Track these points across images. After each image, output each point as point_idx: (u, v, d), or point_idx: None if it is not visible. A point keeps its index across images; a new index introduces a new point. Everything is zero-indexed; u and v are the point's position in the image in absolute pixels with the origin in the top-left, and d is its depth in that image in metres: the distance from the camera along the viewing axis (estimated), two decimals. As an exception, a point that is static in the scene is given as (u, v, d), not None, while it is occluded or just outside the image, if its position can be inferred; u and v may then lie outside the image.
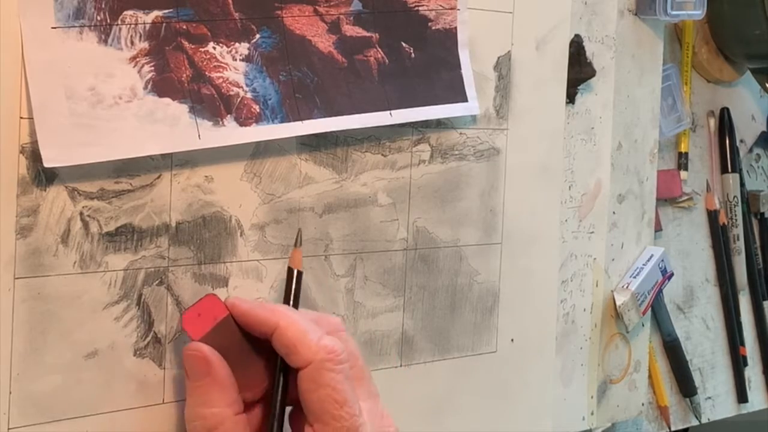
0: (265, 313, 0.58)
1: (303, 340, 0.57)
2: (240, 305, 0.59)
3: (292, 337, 0.57)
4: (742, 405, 1.04)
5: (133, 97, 0.57)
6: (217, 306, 0.59)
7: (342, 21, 0.65)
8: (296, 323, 0.57)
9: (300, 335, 0.57)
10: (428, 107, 0.69)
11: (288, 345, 0.57)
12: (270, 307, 0.59)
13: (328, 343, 0.57)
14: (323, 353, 0.57)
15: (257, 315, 0.58)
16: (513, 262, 0.77)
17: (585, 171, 0.82)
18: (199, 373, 0.56)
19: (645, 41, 0.86)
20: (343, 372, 0.57)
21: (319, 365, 0.56)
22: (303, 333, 0.57)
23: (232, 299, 0.59)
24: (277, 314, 0.58)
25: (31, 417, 0.55)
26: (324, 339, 0.57)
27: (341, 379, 0.57)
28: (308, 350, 0.57)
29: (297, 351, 0.57)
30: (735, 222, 1.02)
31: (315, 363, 0.56)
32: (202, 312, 0.58)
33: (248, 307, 0.59)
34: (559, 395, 0.82)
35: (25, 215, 0.55)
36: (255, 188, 0.63)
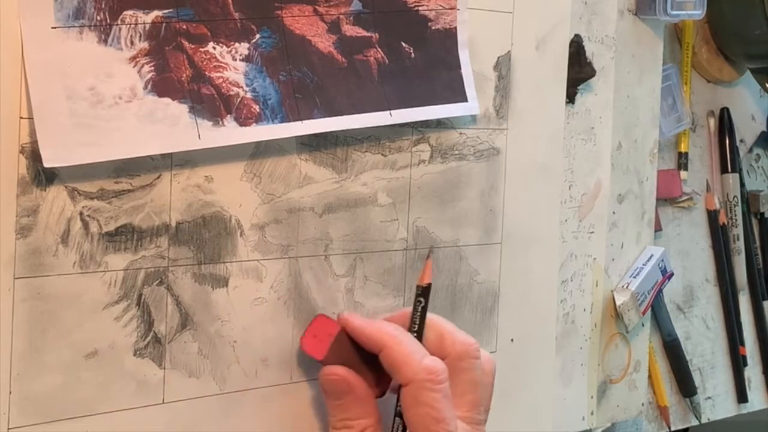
0: (374, 331, 0.63)
1: (406, 361, 0.61)
2: (351, 322, 0.64)
3: (397, 357, 0.61)
4: (742, 405, 1.04)
5: (133, 97, 0.57)
6: (329, 324, 0.64)
7: (342, 21, 0.65)
8: (401, 344, 0.62)
9: (404, 356, 0.61)
10: (428, 107, 0.69)
11: (392, 364, 0.61)
12: (377, 326, 0.63)
13: (429, 364, 0.61)
14: (424, 374, 0.61)
15: (366, 333, 0.63)
16: (513, 262, 0.77)
17: (585, 171, 0.82)
18: (341, 393, 0.62)
19: (645, 41, 0.86)
20: (441, 391, 0.61)
21: (419, 384, 0.60)
22: (407, 354, 0.61)
23: (345, 316, 0.64)
24: (383, 334, 0.62)
25: (31, 417, 0.55)
26: (426, 360, 0.61)
27: (439, 398, 0.60)
28: (410, 370, 0.61)
29: (400, 370, 0.61)
30: (735, 222, 1.02)
31: (416, 382, 0.61)
32: (317, 333, 0.64)
33: (358, 324, 0.63)
34: (559, 395, 0.82)
35: (25, 215, 0.55)
36: (255, 188, 0.63)
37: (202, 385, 0.62)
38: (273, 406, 0.65)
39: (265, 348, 0.64)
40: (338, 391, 0.62)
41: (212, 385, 0.62)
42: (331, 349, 0.63)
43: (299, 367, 0.66)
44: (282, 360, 0.65)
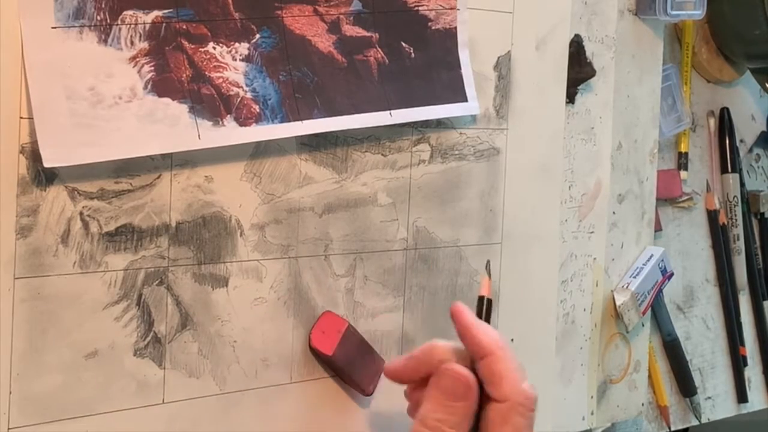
0: (485, 338, 0.60)
1: (509, 377, 0.59)
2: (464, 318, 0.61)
3: (501, 370, 0.59)
4: (742, 405, 1.04)
5: (133, 97, 0.57)
6: (336, 320, 0.66)
7: (342, 21, 0.65)
8: (508, 359, 0.60)
9: (508, 372, 0.59)
10: (428, 107, 0.69)
11: (495, 375, 0.59)
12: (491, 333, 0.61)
13: (527, 389, 0.60)
14: (521, 397, 0.59)
15: (476, 334, 0.60)
16: (513, 262, 0.77)
17: (585, 171, 0.82)
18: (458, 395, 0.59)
19: (645, 41, 0.86)
20: (530, 419, 0.60)
21: (514, 405, 0.59)
22: (511, 370, 0.59)
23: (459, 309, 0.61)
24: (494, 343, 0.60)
25: (31, 417, 0.55)
26: (525, 383, 0.60)
27: (526, 425, 0.59)
28: (510, 388, 0.59)
29: (500, 385, 0.59)
30: (735, 222, 1.02)
31: (511, 402, 0.59)
32: (325, 329, 0.65)
33: (471, 322, 0.61)
34: (559, 395, 0.82)
35: (25, 215, 0.55)
36: (255, 188, 0.63)
37: (202, 385, 0.62)
38: (273, 406, 0.65)
39: (265, 348, 0.64)
40: (456, 392, 0.59)
41: (212, 385, 0.62)
42: (340, 345, 0.65)
43: (299, 367, 0.66)
44: (282, 360, 0.65)
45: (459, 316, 0.61)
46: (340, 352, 0.65)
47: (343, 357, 0.66)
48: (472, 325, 0.60)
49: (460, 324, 0.61)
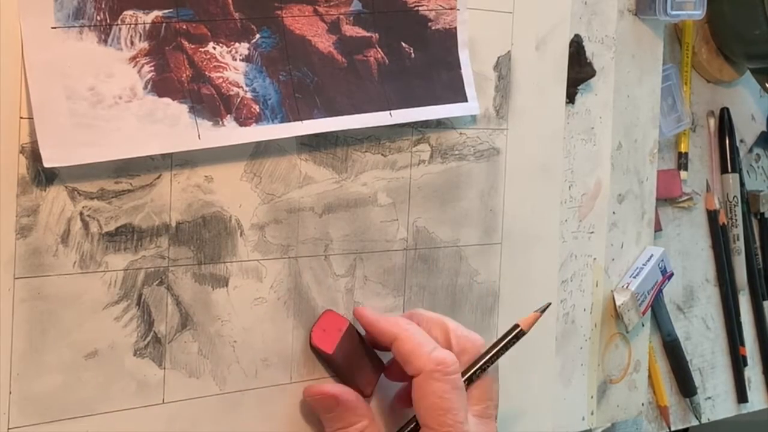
0: (387, 325, 0.65)
1: (416, 351, 0.63)
2: (367, 315, 0.66)
3: (408, 349, 0.63)
4: (742, 405, 1.04)
5: (133, 97, 0.57)
6: (338, 319, 0.66)
7: (342, 21, 0.65)
8: (412, 336, 0.64)
9: (414, 347, 0.63)
10: (428, 107, 0.69)
11: (403, 355, 0.63)
12: (392, 320, 0.66)
13: (439, 355, 0.63)
14: (432, 364, 0.62)
15: (380, 326, 0.65)
16: (513, 262, 0.77)
17: (585, 171, 0.82)
18: (330, 407, 0.64)
19: (645, 41, 0.86)
20: (450, 382, 0.62)
21: (428, 375, 0.62)
22: (417, 345, 0.63)
23: (360, 309, 0.67)
24: (396, 327, 0.64)
25: (31, 417, 0.55)
26: (436, 351, 0.63)
27: (448, 389, 0.62)
28: (419, 361, 0.62)
29: (410, 361, 0.63)
30: (735, 222, 1.02)
31: (425, 373, 0.62)
32: (326, 327, 0.65)
33: (374, 318, 0.66)
34: (559, 395, 0.82)
35: (25, 215, 0.55)
36: (255, 188, 0.63)
37: (202, 385, 0.62)
38: (273, 406, 0.65)
39: (265, 348, 0.64)
40: (327, 406, 0.64)
41: (212, 385, 0.62)
42: (341, 343, 0.65)
43: (299, 367, 0.66)
44: (282, 360, 0.65)
45: (362, 316, 0.66)
46: (340, 350, 0.65)
47: (343, 356, 0.66)
48: (376, 319, 0.65)
49: (364, 322, 0.66)
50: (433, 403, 0.62)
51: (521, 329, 0.67)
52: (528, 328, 0.68)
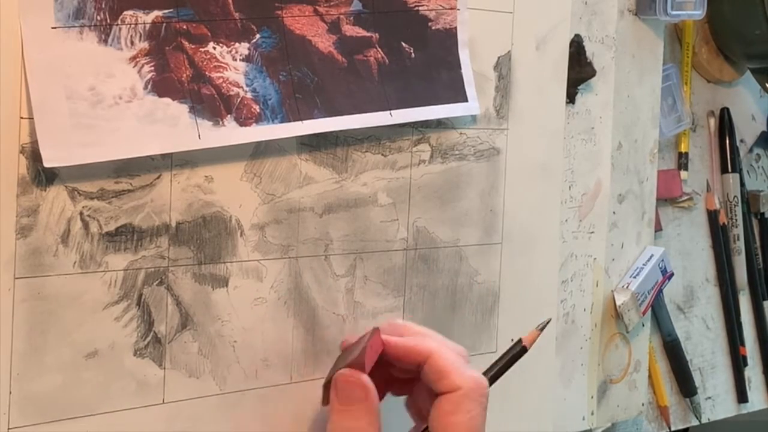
0: (419, 343, 0.63)
1: (454, 368, 0.61)
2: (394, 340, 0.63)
3: (445, 364, 0.62)
4: (742, 405, 1.04)
5: (133, 97, 0.57)
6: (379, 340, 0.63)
7: (342, 21, 0.65)
8: (448, 354, 0.62)
9: (451, 364, 0.62)
10: (428, 107, 0.69)
11: (441, 371, 0.61)
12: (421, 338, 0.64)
13: (476, 375, 0.62)
14: (471, 382, 0.61)
15: (411, 346, 0.63)
16: (513, 262, 0.77)
17: (585, 171, 0.82)
18: (355, 399, 0.60)
19: (645, 41, 0.86)
20: (483, 404, 0.62)
21: (466, 391, 0.61)
22: (454, 362, 0.62)
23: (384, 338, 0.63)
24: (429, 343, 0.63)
25: (31, 417, 0.55)
26: (471, 371, 0.62)
27: (480, 411, 0.61)
28: (459, 377, 0.61)
29: (449, 376, 0.61)
30: (735, 222, 1.02)
31: (463, 389, 0.61)
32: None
33: (401, 340, 0.63)
34: (559, 395, 0.82)
35: (25, 215, 0.55)
36: (255, 188, 0.63)
37: (202, 385, 0.62)
38: (273, 406, 0.65)
39: (265, 348, 0.64)
40: (353, 396, 0.61)
41: (212, 385, 0.62)
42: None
43: (299, 367, 0.66)
44: (282, 360, 0.65)
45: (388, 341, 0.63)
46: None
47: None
48: (401, 341, 0.63)
49: (391, 347, 0.63)
50: (464, 422, 0.60)
51: (524, 346, 0.67)
52: (530, 345, 0.67)
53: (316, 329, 0.67)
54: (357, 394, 0.61)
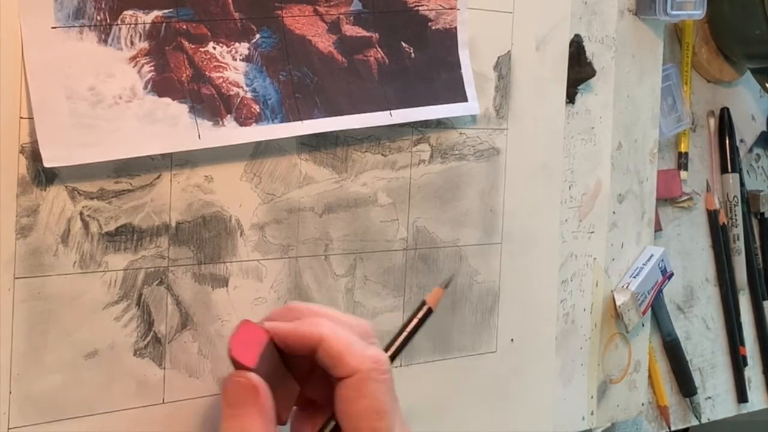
0: (309, 328, 0.57)
1: (349, 350, 0.56)
2: (280, 328, 0.57)
3: (338, 347, 0.56)
4: (742, 405, 1.04)
5: (133, 97, 0.57)
6: (256, 331, 0.57)
7: (342, 21, 0.65)
8: (341, 334, 0.57)
9: (345, 345, 0.56)
10: (428, 107, 0.69)
11: (334, 356, 0.56)
12: (310, 322, 0.57)
13: (374, 353, 0.56)
14: (369, 363, 0.56)
15: (300, 332, 0.57)
16: (513, 262, 0.77)
17: (585, 171, 0.82)
18: (245, 402, 0.55)
19: (645, 41, 0.86)
20: (386, 383, 0.56)
21: (365, 375, 0.56)
22: (348, 343, 0.56)
23: (270, 324, 0.58)
24: (320, 327, 0.57)
25: (31, 417, 0.55)
26: (370, 349, 0.57)
27: (385, 390, 0.56)
28: (354, 359, 0.56)
29: (343, 360, 0.56)
30: (735, 222, 1.02)
31: (361, 372, 0.55)
32: (245, 339, 0.57)
33: (289, 327, 0.57)
34: (559, 395, 0.82)
35: (25, 215, 0.55)
36: (255, 188, 0.63)
37: (202, 385, 0.62)
38: (273, 406, 0.65)
39: (265, 348, 0.64)
40: (241, 399, 0.55)
41: (212, 385, 0.62)
42: (261, 358, 0.56)
43: (299, 367, 0.66)
44: (282, 360, 0.65)
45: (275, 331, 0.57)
46: (261, 366, 0.56)
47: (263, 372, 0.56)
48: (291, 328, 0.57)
49: (279, 334, 0.57)
50: (369, 406, 0.55)
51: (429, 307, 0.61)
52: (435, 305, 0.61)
53: (316, 329, 0.67)
54: (246, 395, 0.55)
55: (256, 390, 0.55)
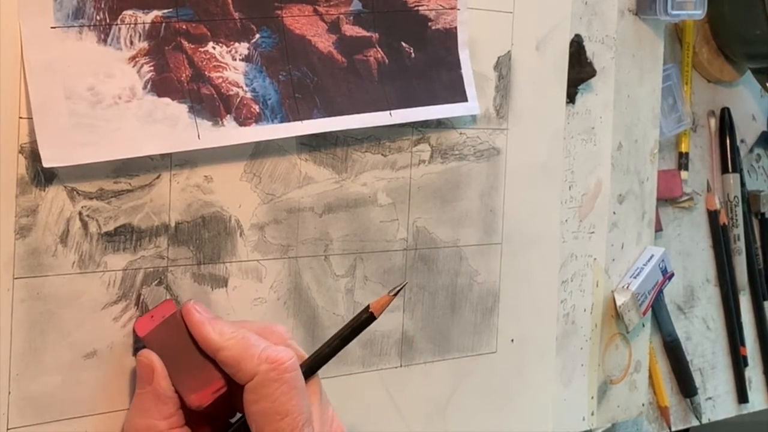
0: (211, 332, 0.57)
1: (244, 356, 0.56)
2: (192, 315, 0.58)
3: (235, 356, 0.56)
4: (742, 405, 1.04)
5: (132, 97, 0.57)
6: (168, 307, 0.58)
7: (342, 21, 0.65)
8: (239, 342, 0.56)
9: (242, 352, 0.56)
10: (428, 107, 0.69)
11: (232, 364, 0.56)
12: (216, 325, 0.57)
13: (271, 354, 0.56)
14: (266, 364, 0.56)
15: (202, 332, 0.57)
16: (513, 262, 0.77)
17: (585, 171, 0.82)
18: (144, 381, 0.56)
19: (645, 41, 0.86)
20: (288, 382, 0.56)
21: (262, 377, 0.55)
22: (245, 349, 0.56)
23: (189, 305, 0.58)
24: (219, 336, 0.57)
25: (30, 417, 0.55)
26: (268, 350, 0.56)
27: (285, 390, 0.56)
28: (250, 364, 0.56)
29: (240, 368, 0.56)
30: (735, 222, 1.01)
31: (259, 375, 0.55)
32: (155, 314, 0.58)
33: (197, 319, 0.58)
34: (559, 395, 0.82)
35: (24, 215, 0.55)
36: (255, 188, 0.63)
37: (201, 386, 0.62)
38: (273, 406, 0.65)
39: (264, 348, 0.64)
40: (142, 377, 0.56)
41: (212, 386, 0.62)
42: (158, 330, 0.57)
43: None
44: (282, 360, 0.65)
45: (188, 315, 0.58)
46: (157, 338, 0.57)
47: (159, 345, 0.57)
48: (200, 321, 0.57)
49: (189, 323, 0.58)
50: (268, 407, 0.55)
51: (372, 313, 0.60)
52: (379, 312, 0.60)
53: (316, 330, 0.67)
54: (144, 374, 0.56)
55: (152, 369, 0.56)
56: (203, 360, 0.58)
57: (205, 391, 0.57)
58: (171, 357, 0.57)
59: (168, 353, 0.57)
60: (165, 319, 0.57)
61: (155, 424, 0.55)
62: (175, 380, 0.56)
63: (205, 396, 0.57)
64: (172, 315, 0.58)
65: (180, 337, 0.57)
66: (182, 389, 0.56)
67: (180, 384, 0.56)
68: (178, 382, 0.56)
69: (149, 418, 0.55)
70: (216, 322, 0.58)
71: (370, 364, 0.69)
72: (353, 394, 0.69)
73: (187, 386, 0.57)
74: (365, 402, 0.69)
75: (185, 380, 0.57)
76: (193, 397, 0.57)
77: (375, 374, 0.70)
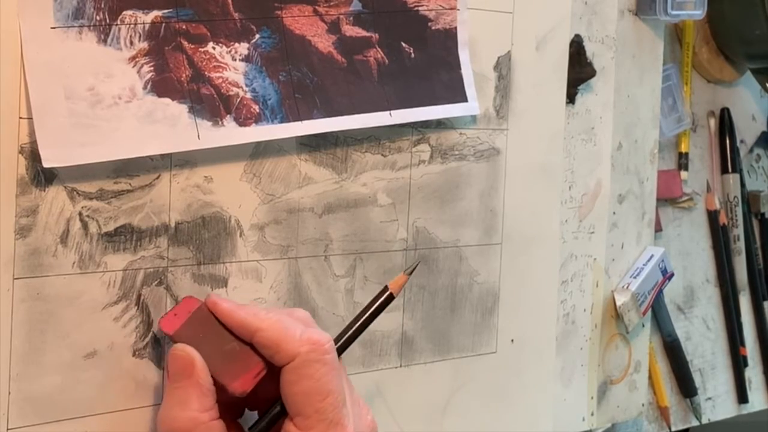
0: (246, 315, 0.58)
1: (285, 337, 0.56)
2: (220, 305, 0.58)
3: (274, 336, 0.57)
4: (742, 405, 1.04)
5: (132, 97, 0.57)
6: (191, 303, 0.59)
7: (342, 21, 0.65)
8: (276, 323, 0.57)
9: (281, 333, 0.57)
10: (428, 107, 0.69)
11: (270, 345, 0.57)
12: (249, 309, 0.58)
13: (313, 335, 0.57)
14: (308, 345, 0.56)
15: (237, 317, 0.58)
16: (513, 262, 0.77)
17: (585, 171, 0.82)
18: (182, 375, 0.56)
19: (645, 41, 0.86)
20: (328, 363, 0.56)
21: (304, 357, 0.56)
22: (284, 330, 0.57)
23: (213, 298, 0.59)
24: (255, 317, 0.57)
25: (30, 417, 0.55)
26: (308, 332, 0.57)
27: (326, 371, 0.56)
28: (292, 345, 0.56)
29: (280, 348, 0.56)
30: (735, 222, 1.01)
31: (301, 355, 0.56)
32: (179, 312, 0.58)
33: (228, 307, 0.58)
34: (559, 395, 0.82)
35: (24, 215, 0.55)
36: (255, 188, 0.63)
37: (201, 386, 0.62)
38: (273, 406, 0.65)
39: (264, 348, 0.64)
40: (180, 372, 0.56)
41: (212, 386, 0.62)
42: (187, 325, 0.58)
43: (299, 368, 0.66)
44: (282, 360, 0.65)
45: (215, 306, 0.58)
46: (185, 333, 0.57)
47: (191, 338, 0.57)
48: (231, 309, 0.58)
49: (220, 313, 0.58)
50: (310, 387, 0.56)
51: (391, 293, 0.62)
52: (397, 291, 0.62)
53: (315, 329, 0.67)
54: (182, 369, 0.56)
55: (192, 363, 0.56)
56: (239, 347, 0.58)
57: (246, 376, 0.57)
58: (205, 349, 0.57)
59: (202, 346, 0.57)
60: (192, 314, 0.58)
61: (198, 416, 0.55)
62: (214, 371, 0.56)
63: (248, 381, 0.57)
64: (199, 308, 0.58)
65: (211, 327, 0.58)
66: (223, 378, 0.56)
67: (219, 374, 0.57)
68: (218, 373, 0.56)
69: (191, 411, 0.55)
70: (247, 306, 0.59)
71: (370, 364, 0.69)
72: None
73: (228, 374, 0.57)
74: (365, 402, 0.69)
75: (225, 369, 0.57)
76: (236, 384, 0.57)
77: (375, 374, 0.70)
